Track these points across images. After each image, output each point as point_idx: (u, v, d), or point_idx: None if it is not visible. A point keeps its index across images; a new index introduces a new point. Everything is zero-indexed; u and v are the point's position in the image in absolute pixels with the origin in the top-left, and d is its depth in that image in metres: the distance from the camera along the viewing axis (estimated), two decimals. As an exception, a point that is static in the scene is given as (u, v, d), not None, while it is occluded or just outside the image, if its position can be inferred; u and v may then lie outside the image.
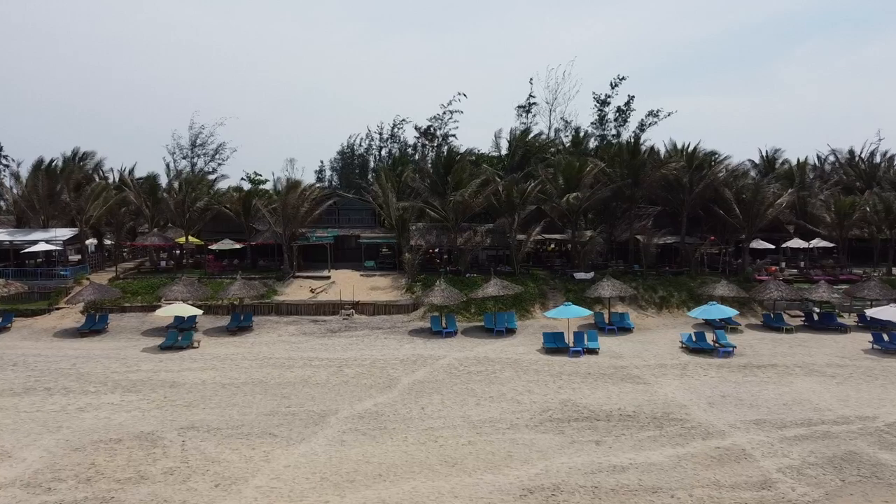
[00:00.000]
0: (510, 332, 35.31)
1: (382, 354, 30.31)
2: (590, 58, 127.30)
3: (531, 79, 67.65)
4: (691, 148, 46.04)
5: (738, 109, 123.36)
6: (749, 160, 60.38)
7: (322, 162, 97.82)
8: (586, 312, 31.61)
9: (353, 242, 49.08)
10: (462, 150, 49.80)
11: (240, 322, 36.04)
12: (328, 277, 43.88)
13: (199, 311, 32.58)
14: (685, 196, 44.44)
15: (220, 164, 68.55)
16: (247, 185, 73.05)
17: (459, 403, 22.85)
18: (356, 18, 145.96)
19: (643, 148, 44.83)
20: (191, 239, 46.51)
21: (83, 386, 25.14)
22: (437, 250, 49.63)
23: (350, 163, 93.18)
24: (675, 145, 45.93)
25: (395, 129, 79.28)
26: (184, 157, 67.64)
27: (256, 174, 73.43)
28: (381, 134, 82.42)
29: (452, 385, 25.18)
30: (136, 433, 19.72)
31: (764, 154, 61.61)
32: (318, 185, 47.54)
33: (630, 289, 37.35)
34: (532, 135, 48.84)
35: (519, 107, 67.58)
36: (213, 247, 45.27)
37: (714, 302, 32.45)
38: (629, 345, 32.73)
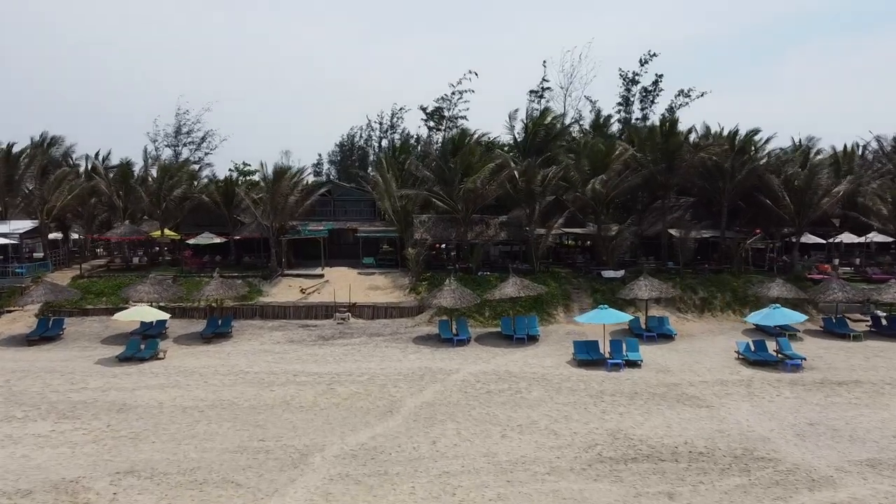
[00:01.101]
0: (532, 339, 30.62)
1: (382, 368, 25.63)
2: (611, 39, 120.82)
3: (544, 61, 63.08)
4: (732, 129, 41.22)
5: (747, 107, 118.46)
6: (780, 149, 55.54)
7: (320, 155, 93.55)
8: (626, 317, 26.85)
9: (350, 237, 44.40)
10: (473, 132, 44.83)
11: (217, 327, 31.40)
12: (321, 276, 39.21)
13: (165, 315, 27.93)
14: (726, 184, 39.67)
15: (207, 154, 63.90)
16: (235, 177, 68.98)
17: (480, 435, 18.17)
18: (360, 16, 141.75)
19: (679, 129, 39.97)
20: (167, 233, 41.88)
21: (9, 410, 20.50)
22: (444, 245, 44.93)
23: (349, 155, 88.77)
24: (707, 129, 40.99)
25: (395, 119, 74.89)
26: (168, 146, 62.99)
27: (246, 164, 69.06)
28: (381, 124, 78.07)
29: (470, 409, 20.49)
30: (54, 481, 15.07)
31: (798, 142, 56.67)
32: (311, 174, 42.62)
33: (672, 289, 32.60)
34: (551, 116, 44.04)
35: (531, 92, 63.02)
36: (191, 241, 40.63)
37: (777, 305, 27.68)
38: (675, 355, 28.02)
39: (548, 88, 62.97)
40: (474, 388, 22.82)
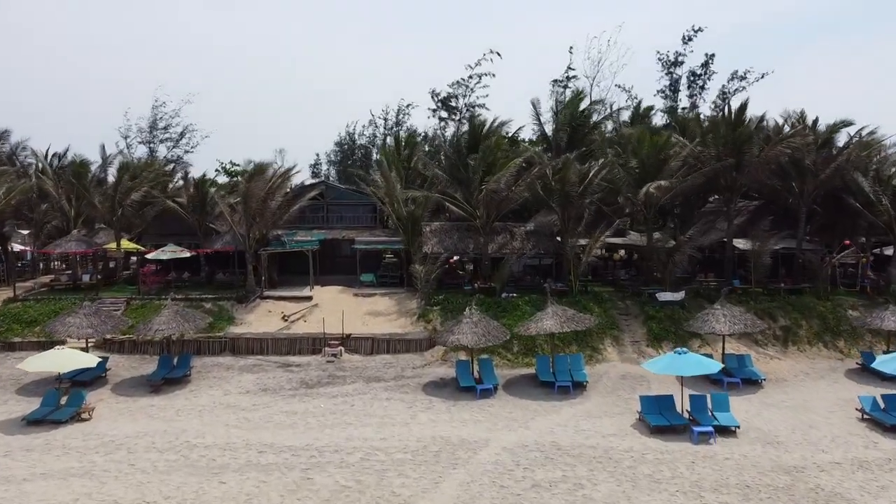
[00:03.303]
0: (578, 386, 24.07)
1: (383, 437, 19.13)
2: (640, 26, 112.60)
3: (570, 48, 56.24)
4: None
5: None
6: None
7: (317, 155, 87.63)
8: (716, 366, 20.14)
9: (347, 248, 37.98)
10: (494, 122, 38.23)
11: (170, 370, 25.04)
12: (309, 298, 32.76)
13: (92, 361, 21.40)
14: (806, 184, 33.04)
15: (187, 152, 57.67)
16: (222, 179, 62.74)
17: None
18: (361, 15, 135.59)
19: (747, 118, 33.32)
20: (125, 244, 35.56)
21: None
22: (458, 259, 38.47)
23: (350, 154, 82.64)
24: (796, 117, 34.32)
25: (402, 115, 68.56)
26: (142, 142, 56.82)
27: (234, 164, 62.91)
28: (385, 120, 71.79)
29: (513, 524, 13.97)
30: None
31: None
32: (298, 171, 36.26)
33: (759, 321, 25.97)
34: (586, 103, 37.46)
35: (555, 82, 56.48)
36: (150, 255, 34.27)
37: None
38: (775, 414, 21.44)
39: (573, 77, 56.58)
40: (514, 477, 16.27)
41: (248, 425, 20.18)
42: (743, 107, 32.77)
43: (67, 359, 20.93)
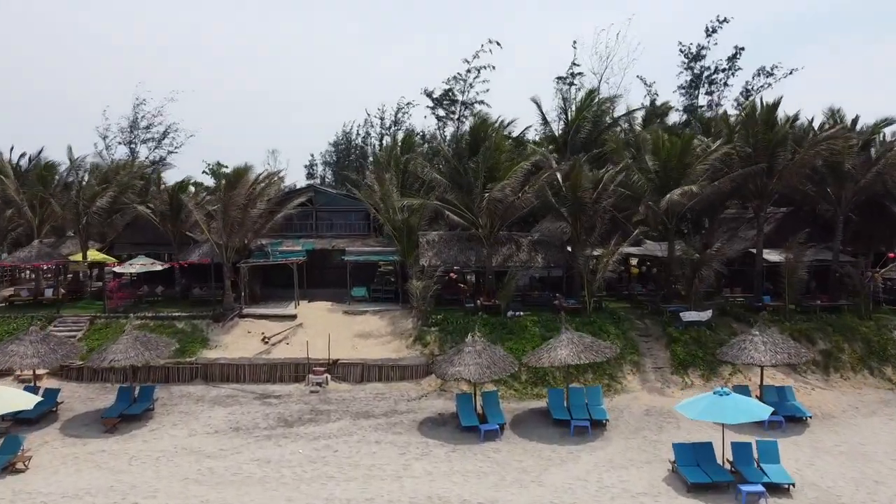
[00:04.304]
0: (597, 426, 21.11)
1: (369, 497, 16.20)
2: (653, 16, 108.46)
3: (574, 42, 53.29)
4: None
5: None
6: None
7: (312, 155, 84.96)
8: (765, 411, 17.09)
9: (337, 259, 35.02)
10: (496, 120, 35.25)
11: (129, 404, 22.12)
12: (293, 317, 29.82)
13: (30, 402, 18.33)
14: (844, 189, 30.10)
15: (170, 153, 54.72)
16: (211, 181, 59.84)
17: None
18: (360, 14, 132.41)
19: (780, 116, 30.35)
20: (93, 255, 32.64)
21: None
22: (458, 270, 35.55)
23: (346, 156, 79.92)
24: (833, 115, 31.36)
25: (400, 114, 65.82)
26: (122, 142, 53.87)
27: (221, 165, 60.11)
28: (382, 119, 69.04)
29: None
30: None
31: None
32: (284, 174, 33.36)
33: (804, 350, 23.02)
34: (600, 100, 34.39)
35: (559, 79, 53.54)
36: (118, 269, 31.32)
37: None
38: (829, 462, 18.51)
39: (579, 73, 53.64)
40: (528, 559, 13.33)
41: (210, 479, 17.24)
42: (775, 104, 29.81)
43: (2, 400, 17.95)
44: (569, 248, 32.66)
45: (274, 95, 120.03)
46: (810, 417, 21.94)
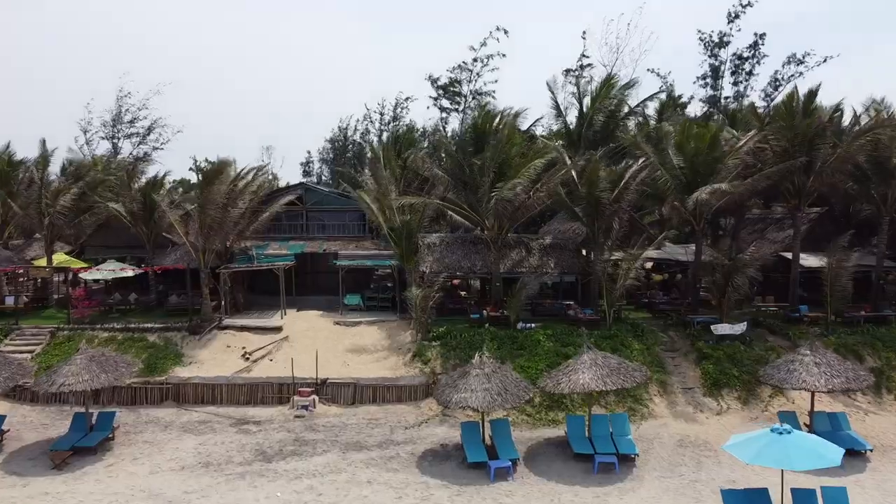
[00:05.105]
0: (626, 460, 18.29)
1: (357, 561, 13.41)
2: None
3: (584, 32, 50.53)
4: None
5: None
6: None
7: (309, 153, 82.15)
8: (837, 455, 14.24)
9: (328, 263, 32.20)
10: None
11: (85, 434, 19.34)
12: (278, 329, 27.04)
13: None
14: (892, 187, 27.31)
15: (155, 149, 51.93)
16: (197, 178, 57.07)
17: None
18: (359, 10, 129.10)
19: (819, 106, 27.55)
20: (59, 259, 29.89)
21: None
22: (460, 276, 32.75)
23: (343, 153, 77.15)
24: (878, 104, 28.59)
25: (400, 110, 63.05)
26: (104, 137, 51.08)
27: (210, 162, 57.11)
28: (381, 115, 66.29)
29: None
30: None
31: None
32: (268, 169, 30.58)
33: (863, 372, 20.21)
34: (619, 87, 31.47)
35: (567, 71, 50.73)
36: (85, 275, 28.54)
37: None
38: (906, 511, 15.70)
39: (588, 65, 50.84)
40: None
41: (168, 534, 14.49)
42: (814, 91, 27.02)
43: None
44: (583, 253, 29.98)
45: (271, 93, 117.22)
46: (871, 451, 19.13)
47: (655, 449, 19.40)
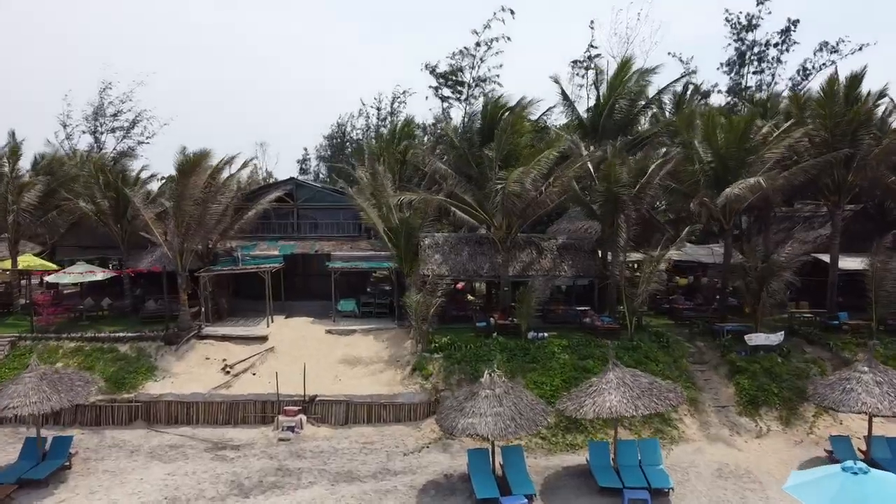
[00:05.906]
0: (659, 495, 15.88)
1: None
2: None
3: (591, 22, 48.18)
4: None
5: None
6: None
7: (306, 149, 79.83)
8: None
9: (320, 265, 29.78)
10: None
11: (35, 464, 16.95)
12: (264, 339, 24.64)
13: None
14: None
15: (140, 143, 49.45)
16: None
17: None
18: (359, 6, 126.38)
19: (862, 93, 25.14)
20: (26, 261, 27.52)
21: None
22: (464, 280, 30.39)
23: (341, 149, 74.80)
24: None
25: (398, 104, 60.70)
26: (86, 131, 48.63)
27: (187, 155, 54.72)
28: (379, 110, 63.99)
29: None
30: None
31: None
32: (249, 162, 28.23)
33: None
34: (638, 72, 28.89)
35: (574, 63, 48.31)
36: (51, 278, 26.17)
37: None
38: None
39: (597, 56, 48.39)
40: None
41: None
42: (859, 76, 24.60)
43: None
44: (599, 254, 27.62)
45: (266, 89, 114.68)
46: (940, 483, 16.70)
47: (692, 481, 16.98)
